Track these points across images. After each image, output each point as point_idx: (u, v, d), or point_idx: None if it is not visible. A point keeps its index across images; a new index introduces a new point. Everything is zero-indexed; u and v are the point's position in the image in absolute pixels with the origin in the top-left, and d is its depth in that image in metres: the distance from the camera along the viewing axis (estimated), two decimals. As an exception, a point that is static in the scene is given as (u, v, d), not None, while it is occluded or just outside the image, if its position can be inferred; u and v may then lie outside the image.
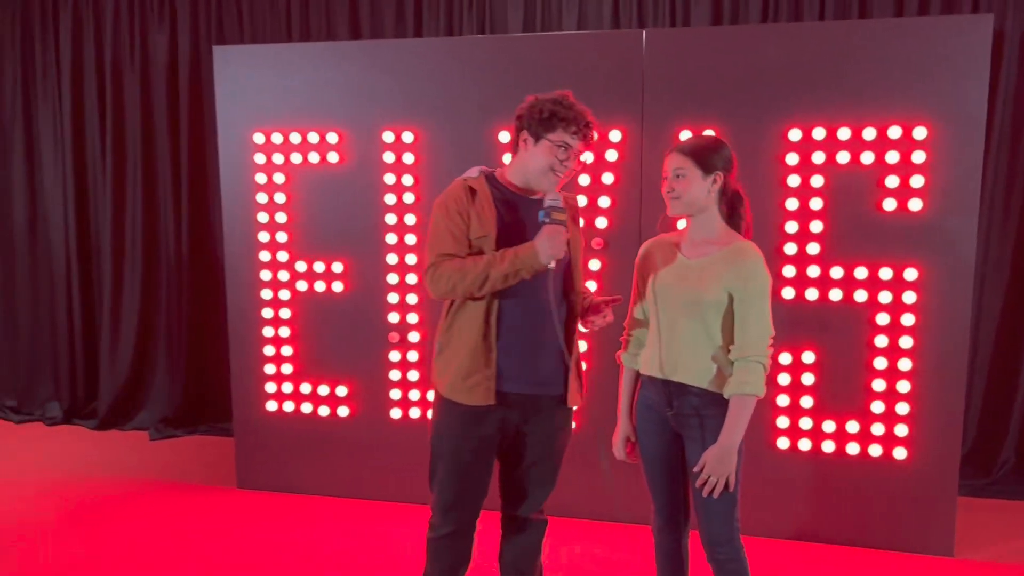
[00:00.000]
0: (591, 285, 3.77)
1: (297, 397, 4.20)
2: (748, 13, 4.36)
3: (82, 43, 5.28)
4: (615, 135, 3.71)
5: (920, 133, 3.42)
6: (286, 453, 4.25)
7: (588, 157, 2.62)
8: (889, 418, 3.58)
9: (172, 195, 5.24)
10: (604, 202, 3.75)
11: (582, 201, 3.77)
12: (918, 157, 3.43)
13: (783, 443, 3.70)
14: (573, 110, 2.50)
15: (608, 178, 3.74)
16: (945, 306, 3.49)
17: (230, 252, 4.19)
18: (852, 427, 3.61)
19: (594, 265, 3.79)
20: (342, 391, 4.14)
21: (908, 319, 3.51)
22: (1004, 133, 4.25)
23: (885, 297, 3.52)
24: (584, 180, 3.76)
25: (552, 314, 2.53)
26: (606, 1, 4.55)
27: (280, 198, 4.09)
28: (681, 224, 2.84)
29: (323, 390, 4.16)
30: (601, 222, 3.77)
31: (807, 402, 3.64)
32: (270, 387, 4.21)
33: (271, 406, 4.22)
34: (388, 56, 3.93)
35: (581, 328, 2.66)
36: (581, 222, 2.73)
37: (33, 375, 5.58)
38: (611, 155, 3.72)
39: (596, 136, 2.57)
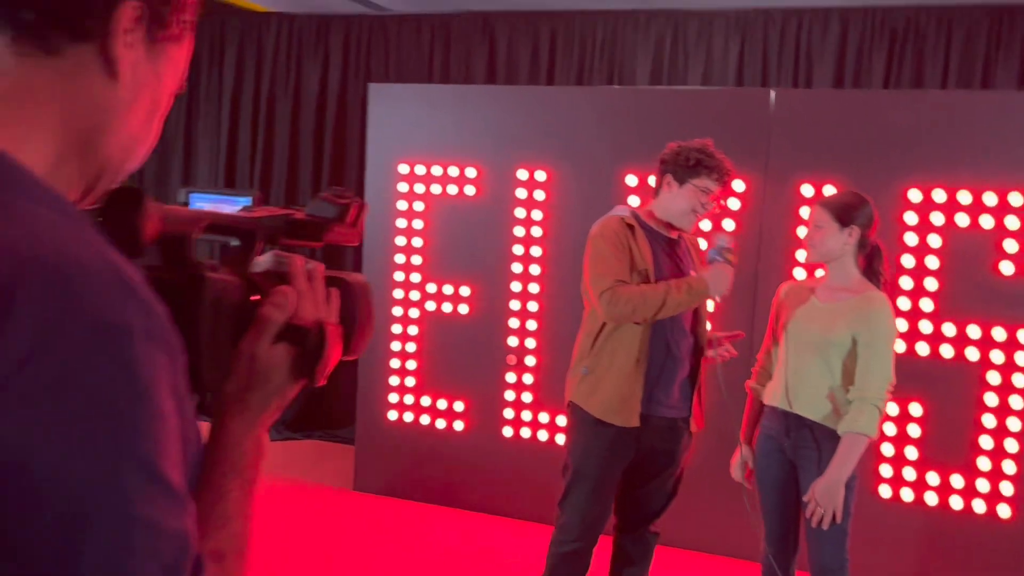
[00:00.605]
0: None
1: (417, 409, 4.52)
2: (871, 77, 4.56)
3: (243, 73, 5.84)
4: (739, 185, 3.94)
5: (1041, 201, 3.55)
6: (402, 461, 4.57)
7: (734, 204, 2.89)
8: (995, 475, 3.65)
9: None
10: (701, 244, 3.97)
11: (702, 244, 4.00)
12: (1038, 224, 3.55)
13: (885, 491, 3.81)
14: (716, 159, 2.79)
15: (729, 225, 3.97)
16: (1058, 370, 3.56)
17: (366, 270, 4.57)
18: (957, 481, 3.70)
19: (710, 304, 4.01)
20: (459, 406, 4.44)
21: (1020, 380, 3.60)
22: None
23: (997, 357, 3.62)
24: (705, 225, 4.00)
25: (687, 343, 2.80)
26: (731, 58, 4.81)
27: (418, 224, 4.46)
28: (819, 272, 3.09)
29: (442, 404, 4.47)
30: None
31: (912, 453, 3.75)
32: (393, 397, 4.55)
33: (392, 415, 4.56)
34: (526, 100, 4.28)
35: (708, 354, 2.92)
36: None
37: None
38: (733, 203, 3.96)
39: (732, 183, 2.85)
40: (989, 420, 3.65)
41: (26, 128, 0.69)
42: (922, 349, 3.72)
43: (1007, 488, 3.63)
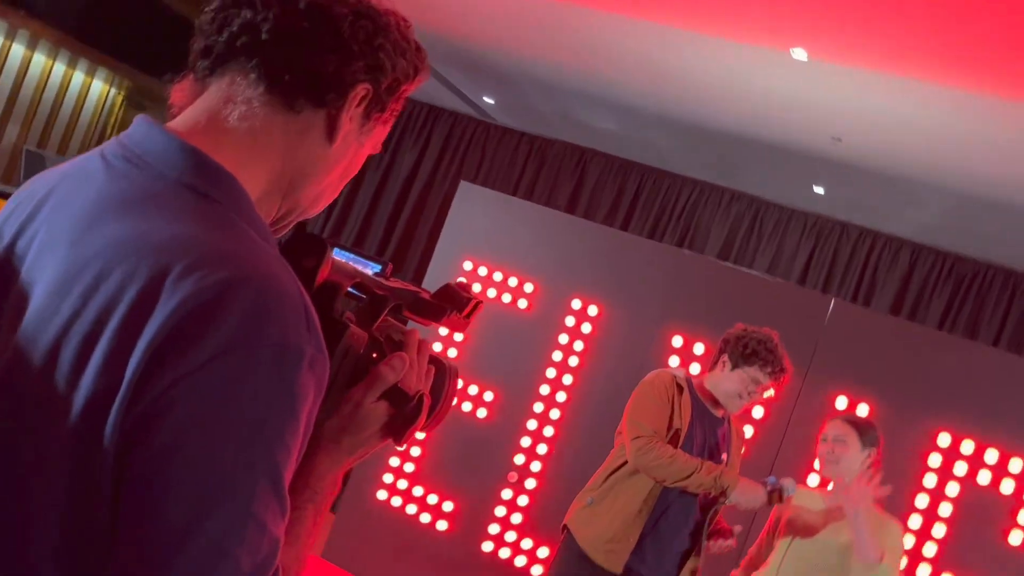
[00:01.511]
0: None
1: (407, 496, 4.54)
2: (928, 313, 4.69)
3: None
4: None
5: (1065, 482, 3.57)
6: (378, 542, 4.55)
7: (768, 393, 2.98)
8: None
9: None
10: (747, 431, 4.03)
11: (748, 432, 4.07)
12: (1058, 503, 3.57)
13: None
14: (776, 355, 2.92)
15: (758, 412, 4.04)
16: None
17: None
18: None
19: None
20: (448, 506, 4.45)
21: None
22: None
23: (989, 625, 3.57)
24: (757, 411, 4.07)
25: (693, 518, 2.85)
26: (800, 258, 5.00)
27: (464, 321, 4.59)
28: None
29: (432, 499, 4.48)
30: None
31: None
32: (387, 478, 4.58)
33: (381, 495, 4.57)
34: (598, 238, 4.48)
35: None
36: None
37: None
38: (768, 392, 4.03)
39: (785, 381, 2.96)
40: None
41: (254, 162, 0.85)
42: (916, 590, 3.69)
43: None
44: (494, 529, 4.36)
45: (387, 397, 0.89)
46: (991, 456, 3.69)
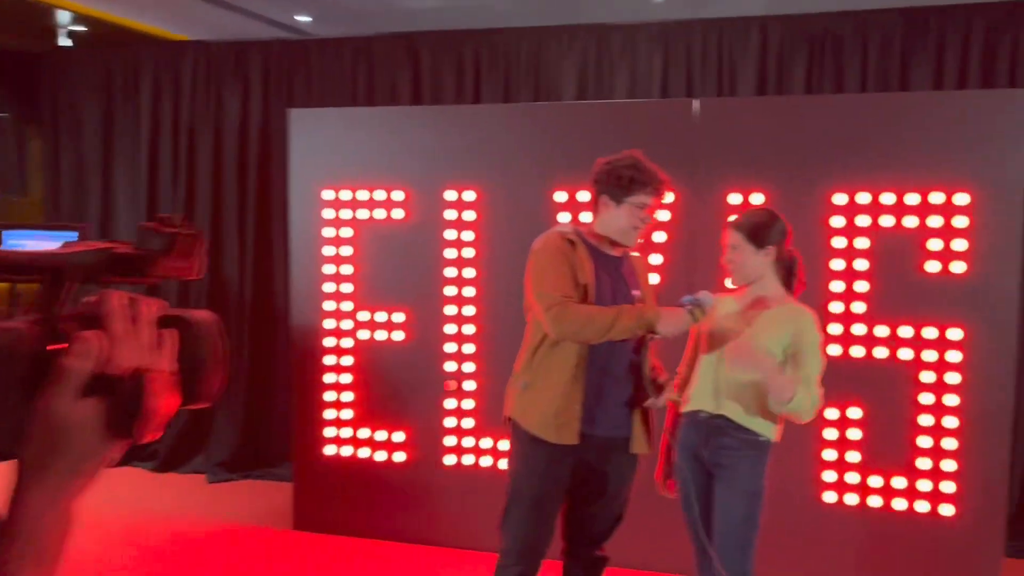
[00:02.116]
0: None
1: (355, 442, 4.40)
2: (793, 84, 4.62)
3: (160, 104, 5.67)
4: (667, 197, 3.93)
5: (962, 199, 3.61)
6: (342, 496, 4.43)
7: (664, 215, 2.85)
8: (935, 475, 3.68)
9: (238, 247, 5.55)
10: (656, 259, 3.96)
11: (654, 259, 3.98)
12: (960, 222, 3.61)
13: (830, 497, 3.81)
14: (649, 172, 2.79)
15: (660, 236, 3.96)
16: (989, 365, 3.62)
17: (296, 302, 4.45)
18: (899, 483, 3.72)
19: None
20: (399, 437, 4.33)
21: (953, 378, 3.64)
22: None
23: (930, 356, 3.66)
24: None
25: (628, 364, 2.78)
26: (655, 71, 4.84)
27: (346, 251, 4.36)
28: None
29: (380, 436, 4.36)
30: (653, 278, 3.96)
31: (854, 457, 3.77)
32: (329, 432, 4.42)
33: (330, 450, 4.42)
34: (452, 121, 4.22)
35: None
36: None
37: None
38: (663, 215, 3.95)
39: (666, 192, 2.84)
40: (926, 419, 3.69)
41: None
42: (857, 352, 3.75)
43: (948, 486, 3.67)
44: (450, 441, 4.27)
45: (91, 391, 0.69)
46: (887, 199, 3.69)
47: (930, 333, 3.66)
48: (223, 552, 4.18)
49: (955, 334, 3.63)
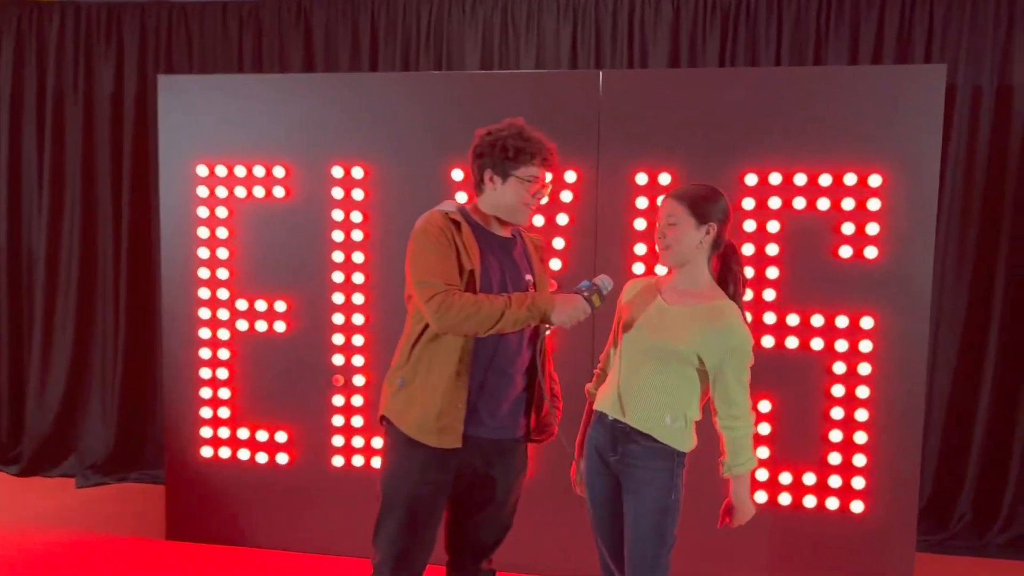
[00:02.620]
0: None
1: (234, 443, 4.02)
2: (705, 57, 4.40)
3: (23, 70, 5.14)
4: (570, 176, 3.68)
5: (875, 180, 3.44)
6: (221, 502, 4.06)
7: (566, 196, 2.56)
8: (846, 470, 3.53)
9: (112, 228, 5.08)
10: (559, 243, 3.70)
11: (559, 243, 3.72)
12: (873, 204, 3.45)
13: (739, 495, 3.62)
14: (534, 141, 2.51)
15: (563, 219, 3.69)
16: (901, 355, 3.47)
17: (168, 289, 4.04)
18: (809, 479, 3.56)
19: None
20: (281, 437, 3.98)
21: (864, 368, 3.49)
22: (956, 184, 4.31)
23: (841, 346, 3.50)
24: (538, 221, 3.71)
25: (521, 358, 2.52)
26: (564, 41, 4.56)
27: (222, 233, 3.97)
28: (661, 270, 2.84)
29: (262, 436, 3.99)
30: (555, 264, 3.71)
31: (763, 453, 3.58)
32: (206, 432, 4.03)
33: (206, 452, 4.04)
34: (340, 90, 3.86)
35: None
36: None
37: (-46, 416, 5.31)
38: (566, 196, 3.68)
39: (557, 163, 2.58)
40: (837, 412, 3.53)
41: None
42: (767, 341, 3.56)
43: (858, 482, 3.52)
44: (339, 441, 3.94)
45: None
46: (800, 179, 3.50)
47: (842, 322, 3.49)
48: (80, 568, 3.77)
49: (867, 322, 3.47)
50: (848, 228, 3.46)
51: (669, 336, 2.38)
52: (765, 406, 3.57)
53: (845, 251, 3.47)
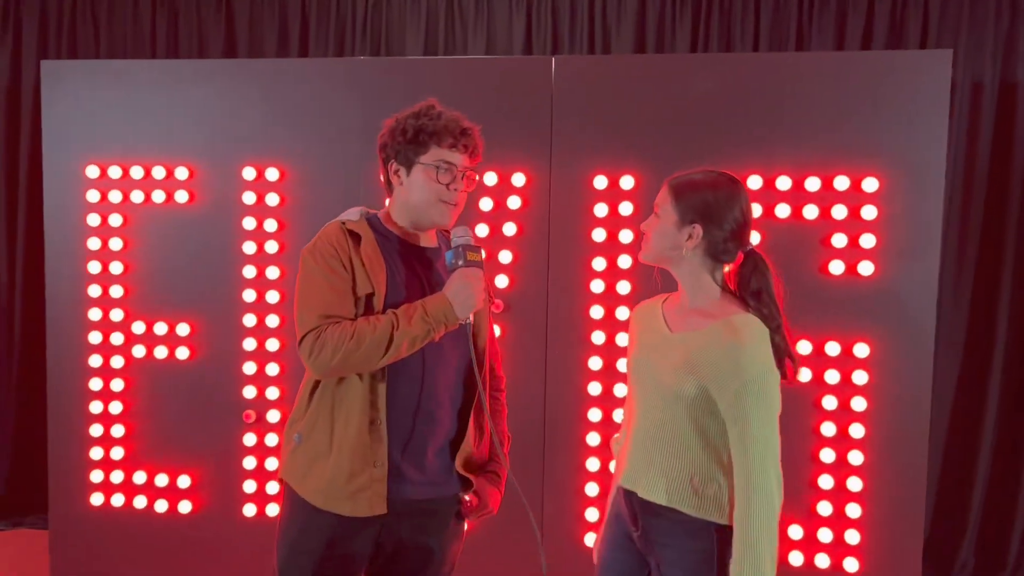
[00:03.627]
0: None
1: (129, 488, 3.49)
2: (675, 43, 3.95)
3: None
4: (518, 179, 3.20)
5: (870, 185, 3.00)
6: (113, 556, 3.52)
7: (515, 202, 2.08)
8: (838, 522, 3.07)
9: (7, 241, 4.53)
10: (505, 257, 3.22)
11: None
12: (868, 213, 3.00)
13: (714, 551, 3.15)
14: (442, 119, 2.03)
15: (510, 229, 3.21)
16: (902, 388, 3.03)
17: (53, 307, 3.51)
18: (795, 532, 3.10)
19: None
20: (184, 481, 3.45)
21: (859, 403, 3.04)
22: (956, 191, 3.89)
23: (832, 377, 3.05)
24: (482, 231, 3.23)
25: (448, 391, 2.07)
26: (517, 30, 4.10)
27: (116, 244, 3.44)
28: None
29: (161, 480, 3.46)
30: (502, 280, 3.23)
31: (742, 501, 3.11)
32: (96, 476, 3.49)
33: (96, 499, 3.50)
34: (253, 78, 3.36)
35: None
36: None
37: None
38: (514, 202, 3.20)
39: (479, 146, 2.09)
40: (828, 454, 3.07)
41: None
42: (746, 372, 3.09)
43: (852, 536, 3.06)
44: (250, 487, 3.42)
45: None
46: (783, 183, 3.05)
47: (833, 349, 3.04)
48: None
49: (861, 350, 3.02)
50: (839, 240, 3.02)
51: (669, 372, 1.87)
52: (744, 447, 3.10)
53: (836, 267, 3.03)
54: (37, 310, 4.51)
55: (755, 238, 3.02)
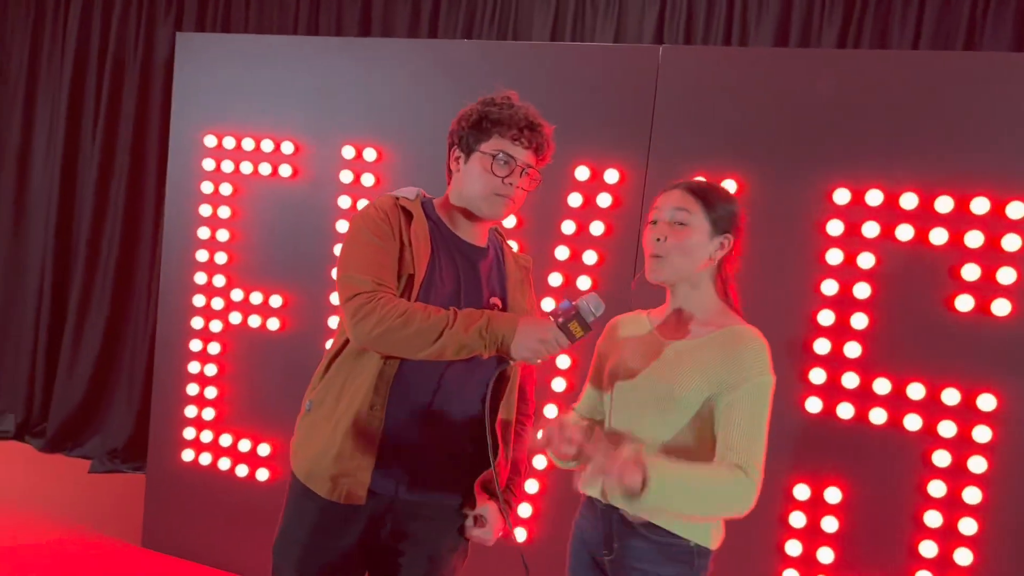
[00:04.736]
0: (559, 383, 3.10)
1: (215, 449, 3.67)
2: (822, 38, 3.61)
3: (89, 32, 5.07)
4: (611, 175, 3.04)
5: (1016, 210, 2.58)
6: (196, 514, 3.72)
7: (605, 200, 1.97)
8: (938, 598, 2.69)
9: (156, 202, 4.91)
10: (590, 258, 3.07)
11: (562, 254, 3.10)
12: (1011, 243, 2.59)
13: (789, 606, 2.86)
14: (511, 109, 1.95)
15: (598, 228, 3.06)
16: (1032, 453, 2.60)
17: (167, 270, 3.75)
18: (885, 601, 2.74)
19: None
20: (264, 450, 3.58)
21: (978, 464, 2.63)
22: None
23: (948, 429, 2.66)
24: (568, 228, 3.10)
25: (469, 392, 1.98)
26: (649, 15, 3.91)
27: (224, 212, 3.62)
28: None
29: (244, 445, 3.61)
30: (584, 282, 3.08)
31: (826, 556, 2.80)
32: (188, 433, 3.70)
33: (187, 455, 3.71)
34: (362, 57, 3.41)
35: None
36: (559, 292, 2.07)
37: (-7, 383, 5.33)
38: (604, 199, 3.05)
39: (549, 147, 2.00)
40: (934, 518, 2.69)
41: None
42: (844, 411, 2.77)
43: (955, 616, 2.67)
44: (323, 463, 3.48)
45: None
46: (908, 201, 2.69)
47: (951, 397, 2.65)
48: (34, 568, 3.53)
49: (987, 402, 2.62)
50: (971, 272, 2.63)
51: (671, 378, 1.77)
52: (834, 495, 2.79)
53: (964, 303, 2.64)
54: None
55: (866, 260, 2.71)
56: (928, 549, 2.69)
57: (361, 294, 1.86)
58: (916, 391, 2.69)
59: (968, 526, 2.65)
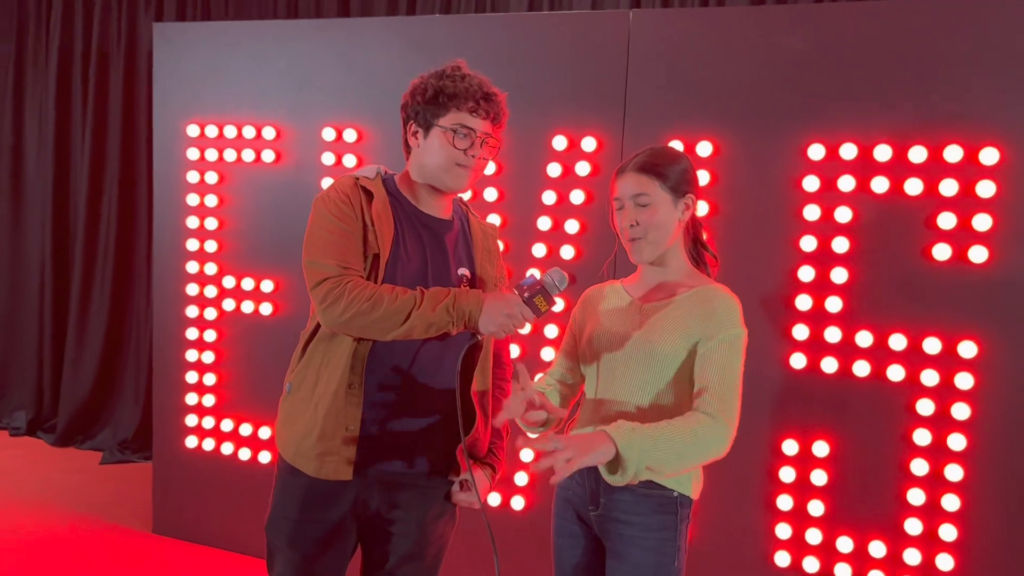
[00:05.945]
0: (548, 353, 3.17)
1: (217, 435, 3.78)
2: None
3: (72, 27, 5.13)
4: (589, 143, 3.08)
5: (989, 156, 2.62)
6: (203, 499, 3.84)
7: (583, 168, 2.03)
8: (929, 544, 2.76)
9: (148, 192, 4.99)
10: (572, 227, 3.13)
11: (544, 224, 3.16)
12: (985, 189, 2.62)
13: (782, 559, 2.93)
14: (465, 81, 1.99)
15: (578, 197, 3.11)
16: (1012, 396, 2.65)
17: (159, 261, 3.84)
18: (877, 550, 2.82)
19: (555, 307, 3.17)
20: (265, 433, 3.69)
21: (961, 411, 2.69)
22: None
23: (930, 378, 2.71)
24: (549, 198, 3.15)
25: (444, 367, 2.03)
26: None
27: (211, 201, 3.70)
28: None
29: (245, 430, 3.72)
30: (567, 251, 3.14)
31: (816, 508, 2.87)
32: (191, 420, 3.81)
33: (191, 442, 3.82)
34: (338, 37, 3.46)
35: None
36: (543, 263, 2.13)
37: (5, 380, 5.46)
38: (583, 168, 3.10)
39: (504, 114, 2.05)
40: (920, 466, 2.75)
41: None
42: (829, 365, 2.83)
43: (945, 562, 2.73)
44: (323, 443, 3.58)
45: None
46: (883, 153, 2.73)
47: (932, 346, 2.71)
48: (66, 553, 3.66)
49: (967, 349, 2.67)
50: (947, 220, 2.67)
51: (654, 339, 1.86)
52: (822, 448, 2.85)
53: (942, 251, 2.68)
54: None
55: (843, 215, 2.75)
56: (916, 496, 2.76)
57: (328, 279, 1.92)
58: (898, 342, 2.74)
59: (954, 472, 2.71)
